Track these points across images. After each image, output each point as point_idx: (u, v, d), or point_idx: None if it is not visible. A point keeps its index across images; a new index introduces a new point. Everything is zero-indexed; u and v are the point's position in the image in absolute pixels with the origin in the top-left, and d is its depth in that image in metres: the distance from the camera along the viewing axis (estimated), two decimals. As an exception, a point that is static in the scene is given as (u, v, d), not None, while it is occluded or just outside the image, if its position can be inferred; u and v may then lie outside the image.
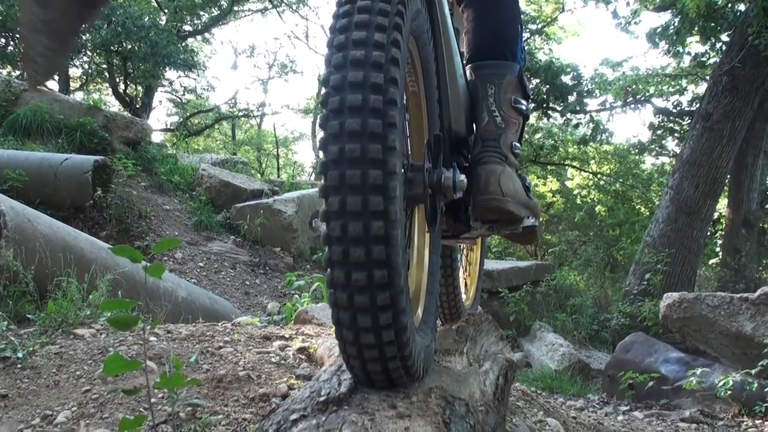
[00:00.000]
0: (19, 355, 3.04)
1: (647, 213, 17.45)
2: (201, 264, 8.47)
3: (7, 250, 4.32)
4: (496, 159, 1.99)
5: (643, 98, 16.39)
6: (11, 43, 17.69)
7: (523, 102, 2.12)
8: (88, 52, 19.03)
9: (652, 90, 16.17)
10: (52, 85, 19.06)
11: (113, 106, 19.74)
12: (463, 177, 1.78)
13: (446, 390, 1.51)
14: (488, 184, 1.93)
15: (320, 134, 1.31)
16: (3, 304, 4.15)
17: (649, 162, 20.57)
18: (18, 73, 17.29)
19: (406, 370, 1.40)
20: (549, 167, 21.19)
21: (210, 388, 2.67)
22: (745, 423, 4.83)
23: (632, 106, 16.84)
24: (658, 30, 13.49)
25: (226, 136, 31.39)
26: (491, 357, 2.01)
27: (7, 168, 7.22)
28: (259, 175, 21.22)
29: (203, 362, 3.02)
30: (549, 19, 20.16)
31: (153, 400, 2.48)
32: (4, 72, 16.96)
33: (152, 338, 3.30)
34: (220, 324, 3.98)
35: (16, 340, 3.25)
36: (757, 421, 4.79)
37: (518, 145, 2.12)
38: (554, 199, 21.77)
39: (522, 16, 2.30)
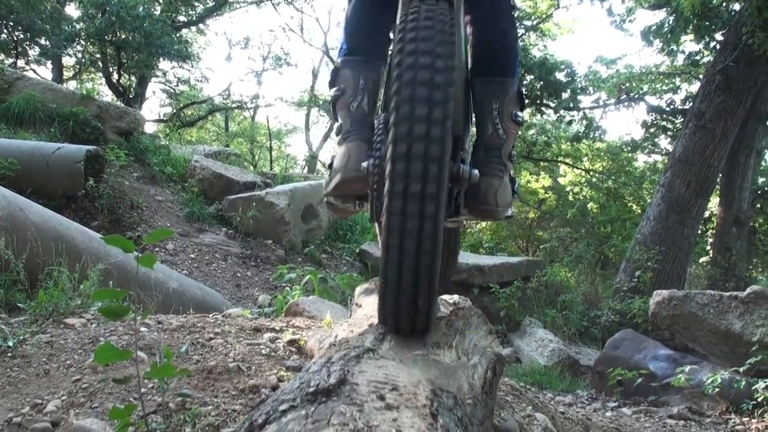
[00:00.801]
0: (10, 343, 3.04)
1: (639, 210, 17.48)
2: (192, 255, 8.46)
3: (-2, 239, 4.32)
4: (497, 171, 2.24)
5: (636, 96, 16.40)
6: (4, 31, 17.61)
7: (521, 114, 2.36)
8: (82, 42, 18.98)
9: (645, 88, 16.17)
10: (46, 73, 19.05)
11: (106, 95, 19.70)
12: (476, 172, 2.07)
13: (435, 382, 1.52)
14: (486, 196, 2.19)
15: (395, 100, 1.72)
16: (-7, 292, 4.15)
17: (641, 160, 20.61)
18: (11, 60, 17.25)
19: (432, 262, 1.70)
20: (542, 164, 21.22)
21: (200, 379, 2.69)
22: (732, 420, 4.86)
23: (625, 103, 16.85)
24: (653, 28, 13.51)
25: (220, 128, 31.34)
26: (480, 351, 2.02)
27: (-2, 156, 7.21)
28: (251, 167, 21.21)
29: (193, 353, 3.03)
30: (544, 16, 20.15)
31: (143, 390, 2.49)
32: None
33: (143, 329, 3.31)
34: (210, 315, 3.99)
35: (6, 328, 3.25)
36: (745, 419, 4.83)
37: (515, 153, 2.38)
38: (546, 195, 21.80)
39: (517, 13, 2.51)
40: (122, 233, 7.69)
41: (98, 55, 20.04)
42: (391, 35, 2.39)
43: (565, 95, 16.61)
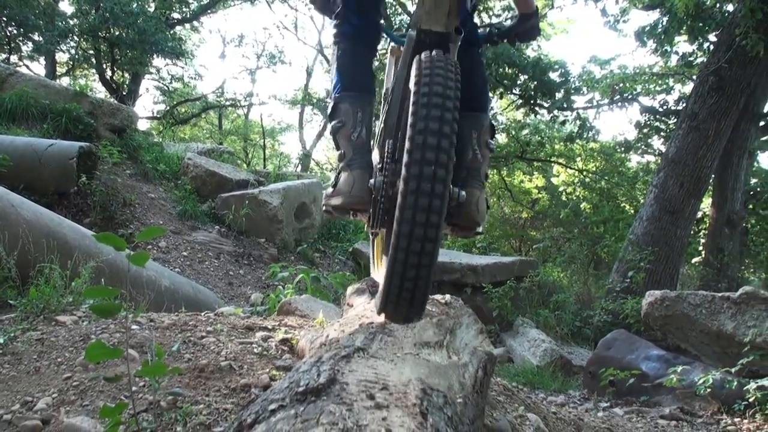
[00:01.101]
0: (0, 340, 3.03)
1: (632, 211, 17.50)
2: (185, 253, 8.44)
3: (-12, 236, 4.30)
4: (477, 185, 2.62)
5: (630, 96, 16.41)
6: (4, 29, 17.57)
7: (493, 141, 2.78)
8: (75, 38, 18.91)
9: (639, 88, 16.20)
10: (39, 69, 18.99)
11: (100, 92, 19.65)
12: (463, 192, 2.37)
13: (425, 381, 1.52)
14: (470, 204, 2.53)
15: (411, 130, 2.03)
16: (-16, 289, 4.13)
17: (634, 160, 20.62)
18: (4, 56, 17.20)
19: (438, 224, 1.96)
20: (535, 163, 21.23)
21: (191, 378, 2.68)
22: (724, 421, 4.87)
23: (619, 104, 16.86)
24: (647, 29, 13.54)
25: (213, 126, 31.26)
26: (471, 350, 2.02)
27: (-10, 152, 7.18)
28: (245, 165, 21.14)
29: (185, 352, 3.02)
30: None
31: (134, 388, 2.48)
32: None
33: (134, 326, 3.30)
34: (203, 314, 3.98)
35: (-4, 325, 3.24)
36: (736, 419, 4.83)
37: (488, 173, 2.81)
38: (540, 195, 21.82)
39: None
40: (114, 230, 7.67)
41: (91, 52, 19.98)
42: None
43: (558, 95, 16.63)
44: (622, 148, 19.38)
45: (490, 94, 16.88)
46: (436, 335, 1.95)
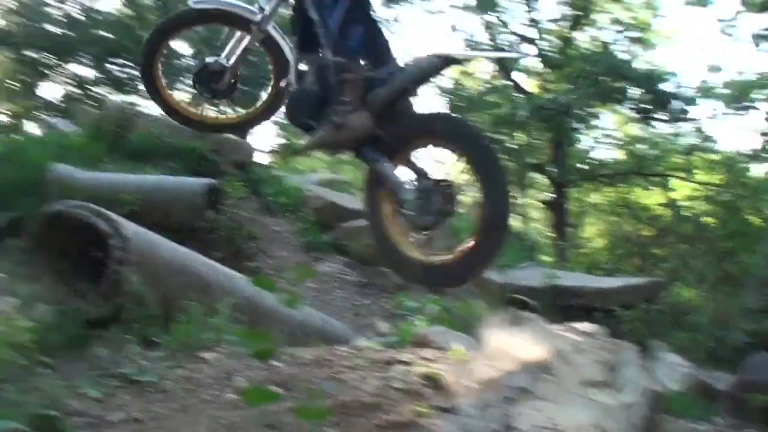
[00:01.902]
0: (147, 378, 3.11)
1: (760, 223, 16.73)
2: (311, 285, 8.50)
3: (131, 275, 4.44)
4: None
5: (750, 104, 15.80)
6: (125, 71, 18.35)
7: None
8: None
9: (761, 95, 15.61)
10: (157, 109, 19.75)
11: (219, 128, 20.15)
12: None
13: (598, 425, 1.47)
14: None
15: None
16: (130, 327, 4.24)
17: (760, 170, 19.71)
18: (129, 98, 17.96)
19: None
20: (653, 178, 20.64)
21: (335, 414, 2.68)
22: None
23: (739, 112, 16.24)
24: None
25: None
26: (638, 388, 1.95)
27: (123, 192, 7.41)
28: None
29: (326, 387, 3.03)
30: (644, 26, 19.71)
31: (282, 426, 2.49)
32: (119, 98, 17.59)
33: (278, 363, 3.33)
34: (340, 348, 4.00)
35: (145, 363, 3.34)
36: None
37: None
38: (661, 211, 21.17)
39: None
40: (241, 264, 7.81)
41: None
42: None
43: (673, 106, 16.16)
44: (747, 159, 18.62)
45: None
46: (600, 373, 1.88)
